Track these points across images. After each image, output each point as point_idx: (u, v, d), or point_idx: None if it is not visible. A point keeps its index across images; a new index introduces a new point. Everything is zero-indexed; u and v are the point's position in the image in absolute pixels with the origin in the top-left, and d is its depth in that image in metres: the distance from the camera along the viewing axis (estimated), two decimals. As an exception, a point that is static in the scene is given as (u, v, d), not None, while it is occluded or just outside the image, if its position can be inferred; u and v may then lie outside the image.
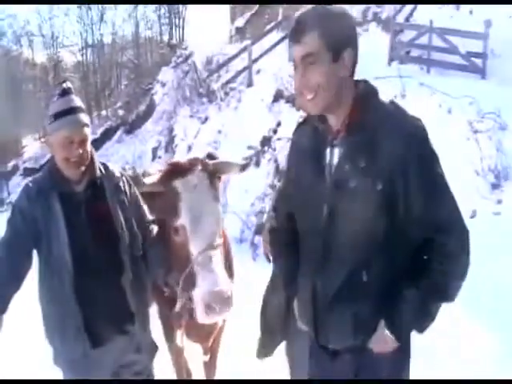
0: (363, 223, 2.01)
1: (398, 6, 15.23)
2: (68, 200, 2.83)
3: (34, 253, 2.87)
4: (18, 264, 2.81)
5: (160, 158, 16.80)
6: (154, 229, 3.12)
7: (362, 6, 17.53)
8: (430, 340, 4.84)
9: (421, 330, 2.13)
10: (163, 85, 21.58)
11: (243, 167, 2.96)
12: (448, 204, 2.03)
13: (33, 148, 36.94)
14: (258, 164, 11.04)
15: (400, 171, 1.94)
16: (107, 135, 28.19)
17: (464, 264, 2.07)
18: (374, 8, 17.10)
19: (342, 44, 1.99)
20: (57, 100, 2.84)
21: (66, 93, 2.85)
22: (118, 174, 3.05)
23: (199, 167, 2.87)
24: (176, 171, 2.87)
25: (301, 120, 2.39)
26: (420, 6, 15.34)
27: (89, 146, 2.86)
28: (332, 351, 2.25)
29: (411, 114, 2.05)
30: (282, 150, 10.37)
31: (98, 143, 28.27)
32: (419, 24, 14.36)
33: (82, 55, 39.81)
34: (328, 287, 2.13)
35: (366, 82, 2.13)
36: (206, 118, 14.96)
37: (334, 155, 2.09)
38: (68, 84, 2.89)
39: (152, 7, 37.33)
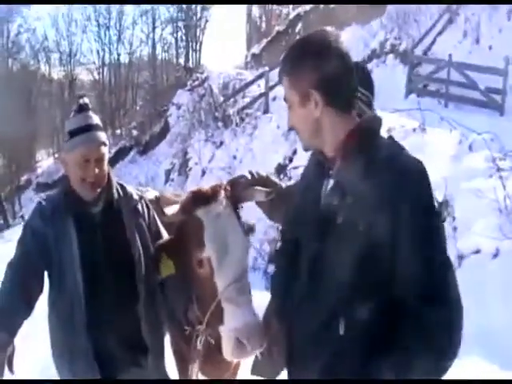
0: (345, 266, 1.81)
1: (415, 39, 15.26)
2: (83, 222, 2.67)
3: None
4: (29, 287, 2.64)
5: (173, 180, 16.83)
6: None
7: (381, 38, 17.63)
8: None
9: None
10: (178, 107, 21.72)
11: (269, 194, 2.76)
12: (441, 268, 1.76)
13: (46, 163, 37.17)
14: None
15: (388, 216, 1.72)
16: (120, 155, 28.38)
17: (449, 344, 1.74)
18: (391, 40, 17.17)
19: (305, 87, 1.88)
20: (73, 117, 2.70)
21: (82, 109, 2.71)
22: (136, 197, 2.88)
23: (222, 194, 2.70)
24: (198, 199, 2.65)
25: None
26: (439, 40, 15.38)
27: (106, 166, 2.70)
28: None
29: (411, 155, 1.86)
30: (297, 178, 10.33)
31: (111, 163, 28.31)
32: (438, 58, 14.37)
33: (99, 74, 40.19)
34: (304, 330, 1.98)
35: (371, 116, 1.99)
36: (221, 143, 14.96)
37: (328, 186, 1.95)
38: (85, 100, 2.75)
39: (169, 29, 37.74)
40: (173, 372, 3.28)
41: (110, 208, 2.74)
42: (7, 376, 2.55)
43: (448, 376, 1.85)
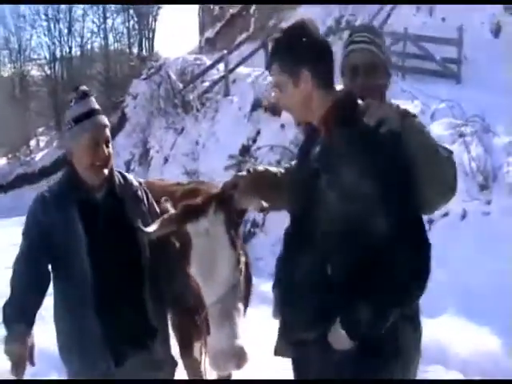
0: (330, 220, 2.10)
1: (371, 13, 15.34)
2: (87, 209, 2.72)
3: None
4: (38, 278, 2.67)
5: (133, 170, 16.65)
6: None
7: (337, 15, 17.68)
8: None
9: (375, 331, 2.10)
10: (134, 97, 21.42)
11: (262, 208, 2.65)
12: (410, 217, 2.07)
13: (-1, 164, 36.35)
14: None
15: (365, 172, 2.02)
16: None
17: (416, 277, 2.06)
18: (347, 16, 17.23)
19: (297, 68, 2.17)
20: (75, 104, 2.75)
21: (85, 95, 2.76)
22: (135, 183, 2.98)
23: (213, 208, 2.55)
24: (188, 213, 2.55)
25: None
26: (394, 14, 15.49)
27: (111, 149, 2.79)
28: (298, 341, 2.30)
29: (387, 121, 2.12)
30: (263, 158, 10.34)
31: (69, 157, 28.03)
32: (394, 31, 14.48)
33: (50, 68, 39.34)
34: (297, 275, 2.23)
35: (346, 91, 2.30)
36: (183, 129, 14.90)
37: (314, 153, 2.24)
38: (85, 87, 2.81)
39: (121, 19, 37.23)
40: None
41: (112, 194, 2.82)
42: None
43: (425, 331, 2.30)
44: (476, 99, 9.27)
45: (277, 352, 2.55)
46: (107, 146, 2.74)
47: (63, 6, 37.45)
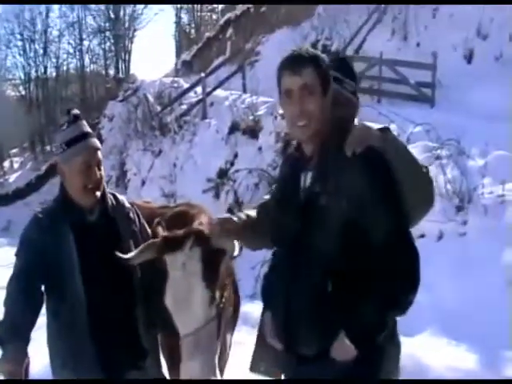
0: (329, 239, 2.22)
1: (346, 39, 15.59)
2: (80, 230, 2.75)
3: None
4: (32, 298, 2.67)
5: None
6: None
7: (313, 39, 17.91)
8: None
9: (377, 338, 2.25)
10: (110, 119, 21.39)
11: (239, 250, 2.68)
12: (401, 227, 2.24)
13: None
14: (217, 196, 11.02)
15: (359, 195, 2.17)
16: (52, 171, 27.62)
17: (414, 281, 2.23)
18: (323, 40, 17.47)
19: (328, 82, 2.33)
20: (67, 127, 2.78)
21: (76, 119, 2.80)
22: (127, 205, 3.02)
23: (190, 242, 2.56)
24: (167, 245, 2.58)
25: (286, 151, 2.84)
26: (369, 39, 15.76)
27: (103, 171, 2.82)
28: (301, 357, 2.36)
29: (374, 143, 2.29)
30: (241, 181, 10.39)
31: (42, 179, 27.76)
32: (369, 56, 14.72)
33: (25, 89, 39.11)
34: (298, 294, 2.32)
35: (339, 118, 2.39)
36: (160, 152, 14.90)
37: (307, 179, 2.36)
38: (76, 111, 2.84)
39: (97, 40, 37.22)
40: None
41: (104, 216, 2.85)
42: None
43: (403, 350, 2.43)
44: (450, 123, 9.44)
45: (256, 369, 2.69)
46: (99, 169, 2.78)
47: (39, 27, 37.40)
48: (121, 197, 3.04)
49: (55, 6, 37.77)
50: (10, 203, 28.33)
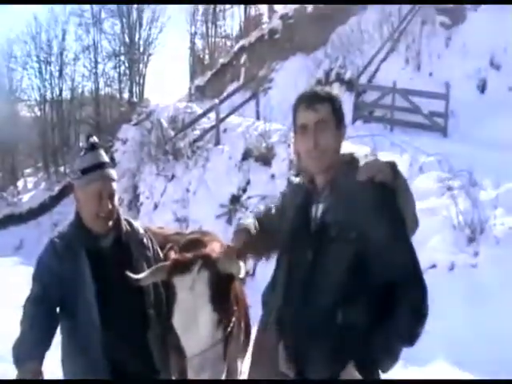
0: (340, 269, 2.29)
1: (360, 67, 15.68)
2: (95, 256, 2.81)
3: None
4: (48, 321, 2.73)
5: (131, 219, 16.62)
6: None
7: (326, 67, 18.02)
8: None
9: (385, 369, 2.32)
10: (124, 142, 21.51)
11: (245, 275, 2.75)
12: (408, 261, 2.30)
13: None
14: (230, 222, 11.06)
15: (368, 227, 2.25)
16: (65, 192, 27.85)
17: (422, 313, 2.26)
18: (336, 69, 17.57)
19: (341, 119, 2.48)
20: (84, 155, 2.87)
21: (93, 147, 2.88)
22: (141, 231, 3.08)
23: (198, 266, 2.62)
24: (176, 268, 2.65)
25: (294, 181, 2.91)
26: (382, 68, 15.86)
27: (116, 202, 2.89)
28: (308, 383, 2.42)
29: (381, 178, 2.37)
30: (254, 208, 10.42)
31: (55, 200, 27.94)
32: (382, 85, 14.81)
33: (40, 110, 39.43)
34: (308, 323, 2.37)
35: (350, 154, 2.56)
36: (173, 176, 14.94)
37: (318, 210, 2.45)
38: (95, 138, 2.92)
39: (112, 64, 37.58)
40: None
41: (118, 241, 2.92)
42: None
43: (414, 377, 2.31)
44: (462, 153, 9.50)
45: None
46: (111, 200, 2.84)
47: (55, 49, 37.85)
48: (135, 223, 3.11)
49: (71, 29, 38.24)
50: (22, 223, 28.51)
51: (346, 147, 2.57)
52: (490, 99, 13.06)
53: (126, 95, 37.07)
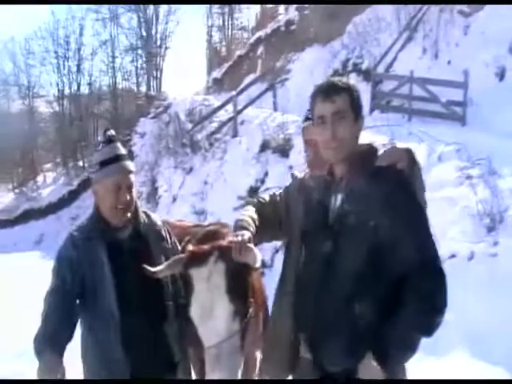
0: (359, 258, 2.29)
1: (377, 57, 15.58)
2: (113, 248, 2.83)
3: None
4: (69, 314, 2.76)
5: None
6: None
7: (343, 57, 17.94)
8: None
9: (403, 360, 2.34)
10: (142, 136, 21.61)
11: (260, 264, 2.75)
12: (428, 250, 2.29)
13: (6, 199, 36.42)
14: (248, 214, 11.03)
15: (388, 215, 2.25)
16: (84, 186, 28.05)
17: (441, 303, 2.25)
18: (353, 59, 17.49)
19: (359, 110, 2.46)
20: (102, 148, 2.90)
21: (111, 141, 2.91)
22: (159, 223, 3.09)
23: (214, 257, 2.63)
24: (193, 259, 2.67)
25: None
26: (399, 57, 15.74)
27: (134, 193, 2.90)
28: (326, 373, 2.43)
29: (401, 166, 2.43)
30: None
31: (74, 194, 28.15)
32: (399, 74, 14.70)
33: (59, 105, 39.70)
34: (326, 313, 2.38)
35: (368, 143, 2.56)
36: (191, 169, 14.99)
37: (337, 200, 2.45)
38: (112, 132, 2.95)
39: (129, 58, 37.73)
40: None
41: (137, 233, 2.93)
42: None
43: (435, 369, 2.28)
44: (481, 141, 9.41)
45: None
46: (130, 191, 2.86)
47: (73, 45, 38.12)
48: (154, 215, 3.12)
49: (88, 25, 38.49)
50: (42, 217, 28.78)
51: (364, 137, 2.56)
52: (509, 87, 12.87)
53: (143, 89, 37.30)
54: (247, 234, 2.68)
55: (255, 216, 2.85)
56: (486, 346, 5.47)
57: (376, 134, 9.67)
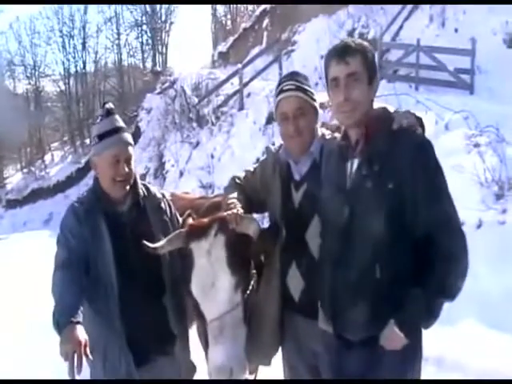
0: (377, 222, 2.26)
1: (383, 26, 15.40)
2: (113, 220, 2.84)
3: None
4: (79, 283, 2.73)
5: (149, 183, 16.75)
6: None
7: (349, 27, 17.76)
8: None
9: (426, 326, 2.31)
10: (148, 111, 21.62)
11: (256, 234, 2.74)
12: (449, 210, 2.27)
13: (15, 179, 36.60)
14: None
15: (408, 177, 2.23)
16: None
17: (463, 265, 2.25)
18: (359, 29, 17.32)
19: (374, 72, 2.41)
20: (100, 121, 2.90)
21: (109, 113, 2.90)
22: (159, 195, 3.09)
23: (214, 230, 2.66)
24: (192, 233, 2.69)
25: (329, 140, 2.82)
26: (406, 26, 15.56)
27: (133, 166, 2.90)
28: (347, 342, 2.42)
29: (418, 128, 2.39)
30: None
31: (82, 172, 28.22)
32: (406, 43, 14.55)
33: (65, 84, 39.70)
34: (346, 281, 2.36)
35: (383, 107, 2.51)
36: (198, 143, 14.98)
37: (353, 165, 2.41)
38: (110, 105, 2.94)
39: (134, 34, 37.55)
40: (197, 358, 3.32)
41: (136, 206, 2.95)
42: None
43: (446, 338, 2.24)
44: (489, 109, 9.33)
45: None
46: (128, 164, 2.86)
47: (78, 23, 37.98)
48: (153, 188, 3.12)
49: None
50: (51, 196, 28.91)
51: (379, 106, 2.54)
52: (517, 54, 12.73)
53: (149, 65, 37.14)
54: (239, 204, 2.71)
55: (239, 197, 2.85)
56: (496, 313, 5.45)
57: (383, 103, 9.58)
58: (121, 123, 2.91)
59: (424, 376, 2.53)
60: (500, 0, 13.16)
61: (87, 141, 34.91)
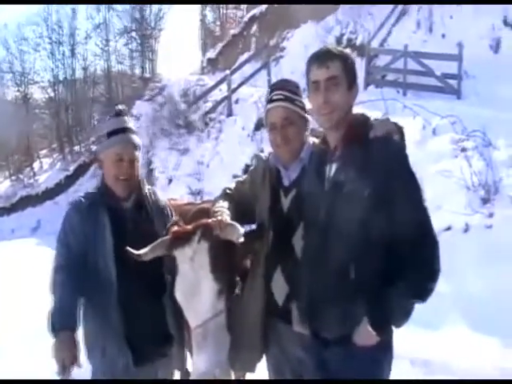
0: (352, 225, 2.33)
1: (371, 32, 15.48)
2: (116, 216, 2.90)
3: None
4: (78, 284, 2.77)
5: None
6: None
7: (337, 33, 17.82)
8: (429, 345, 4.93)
9: (398, 325, 2.38)
10: (138, 118, 21.53)
11: (239, 236, 2.71)
12: (421, 216, 2.34)
13: (3, 186, 36.36)
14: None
15: (382, 184, 2.28)
16: (81, 171, 28.05)
17: (435, 269, 2.32)
18: (348, 34, 17.38)
19: (353, 78, 2.49)
20: (110, 120, 2.97)
21: (119, 114, 2.97)
22: (164, 202, 3.16)
23: (198, 236, 2.64)
24: (176, 241, 2.67)
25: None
26: (394, 31, 15.64)
27: (138, 168, 2.96)
28: (324, 340, 2.47)
29: (395, 136, 2.43)
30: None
31: (71, 179, 28.11)
32: (394, 49, 14.62)
33: (54, 91, 39.44)
34: (321, 281, 2.43)
35: (361, 113, 2.57)
36: (186, 150, 14.96)
37: (332, 169, 2.47)
38: (122, 106, 3.03)
39: (123, 41, 37.45)
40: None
41: (139, 205, 3.00)
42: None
43: (433, 341, 2.28)
44: (476, 114, 9.37)
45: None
46: (132, 165, 2.92)
47: (66, 29, 37.83)
48: (159, 193, 3.19)
49: (81, 8, 38.26)
50: (39, 204, 28.76)
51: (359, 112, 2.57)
52: (504, 58, 12.81)
53: (138, 71, 37.04)
54: (226, 212, 2.73)
55: (228, 206, 2.86)
56: (482, 317, 5.47)
57: (371, 108, 9.61)
58: (129, 124, 2.98)
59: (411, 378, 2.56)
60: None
61: (76, 148, 34.76)
